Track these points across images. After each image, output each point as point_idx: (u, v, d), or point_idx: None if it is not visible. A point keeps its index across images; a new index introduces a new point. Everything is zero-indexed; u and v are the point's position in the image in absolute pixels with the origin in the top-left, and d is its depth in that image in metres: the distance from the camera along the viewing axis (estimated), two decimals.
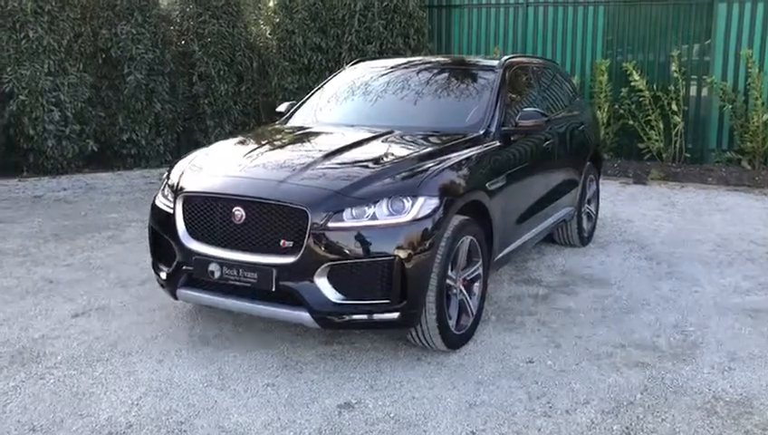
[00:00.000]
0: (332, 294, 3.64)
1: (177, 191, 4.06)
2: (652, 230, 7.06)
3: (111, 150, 10.70)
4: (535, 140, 5.10)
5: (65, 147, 9.93)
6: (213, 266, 3.82)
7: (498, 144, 4.61)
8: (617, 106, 10.70)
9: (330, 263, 3.61)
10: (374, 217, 3.63)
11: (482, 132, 4.61)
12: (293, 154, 4.31)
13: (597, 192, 6.76)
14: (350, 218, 3.63)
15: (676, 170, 10.17)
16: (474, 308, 4.21)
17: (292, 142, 4.69)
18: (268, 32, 11.89)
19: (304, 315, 3.65)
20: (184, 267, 3.98)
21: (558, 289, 5.23)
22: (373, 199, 3.67)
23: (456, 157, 4.16)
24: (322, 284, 3.63)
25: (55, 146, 9.81)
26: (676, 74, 10.24)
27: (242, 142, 4.72)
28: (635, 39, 10.87)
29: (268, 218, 3.71)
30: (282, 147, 4.54)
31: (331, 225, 3.61)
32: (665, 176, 9.92)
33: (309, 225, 3.60)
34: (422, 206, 3.71)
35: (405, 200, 3.69)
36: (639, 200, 8.57)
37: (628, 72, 10.43)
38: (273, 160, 4.15)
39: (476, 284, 4.26)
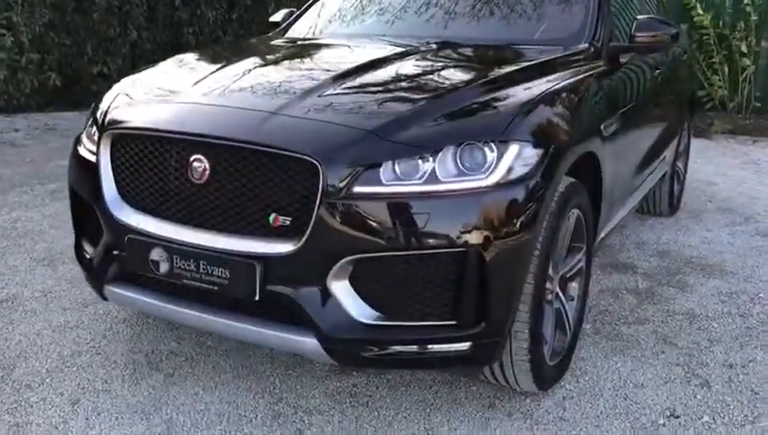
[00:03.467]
0: (360, 310, 2.10)
1: (102, 128, 2.49)
2: (747, 196, 5.53)
3: (79, 86, 9.03)
4: (646, 64, 3.51)
5: (21, 79, 8.28)
6: (157, 254, 2.27)
7: (604, 66, 3.02)
8: None
9: (355, 256, 2.07)
10: (433, 178, 2.08)
11: (585, 46, 3.01)
12: (293, 73, 2.69)
13: (688, 145, 5.18)
14: (393, 179, 2.07)
15: (743, 123, 8.57)
16: (572, 320, 2.69)
17: (291, 57, 3.06)
18: None
19: (310, 343, 2.13)
20: (115, 252, 2.44)
21: (663, 280, 3.71)
22: (432, 146, 2.11)
23: (557, 81, 2.58)
24: (343, 291, 2.10)
25: (9, 78, 8.17)
26: (749, 8, 8.55)
27: (214, 57, 3.11)
28: None
29: (249, 176, 2.15)
30: (274, 63, 2.92)
31: (358, 189, 2.06)
32: (731, 129, 8.36)
33: (320, 189, 2.04)
34: (516, 158, 2.15)
35: (486, 148, 2.13)
36: (712, 158, 7.02)
37: (690, 6, 8.74)
38: (259, 81, 2.54)
39: (575, 282, 2.74)
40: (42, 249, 3.89)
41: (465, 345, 2.16)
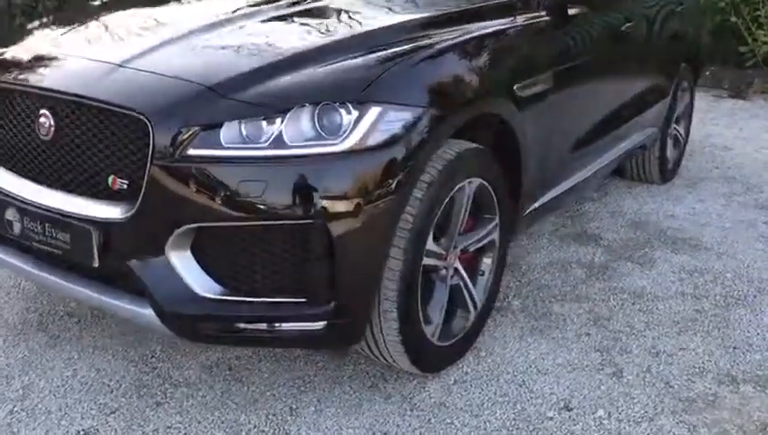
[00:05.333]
0: (201, 283, 1.95)
1: None
2: (761, 163, 5.08)
3: None
4: (609, 18, 3.17)
5: None
6: (11, 213, 2.16)
7: (546, 18, 2.73)
8: None
9: (194, 225, 1.91)
10: (280, 142, 1.88)
11: None
12: (173, 23, 2.44)
13: (690, 107, 4.77)
14: (234, 142, 1.88)
15: None
16: (479, 298, 2.48)
17: (188, 6, 2.83)
18: None
19: (147, 315, 1.99)
20: None
21: (625, 254, 3.42)
22: (281, 105, 1.90)
23: (462, 34, 2.32)
24: (182, 262, 1.94)
25: (25, 24, 8.23)
26: None
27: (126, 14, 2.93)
28: None
29: (88, 134, 1.99)
30: (162, 12, 2.68)
31: (194, 152, 1.88)
32: None
33: (151, 149, 1.88)
34: (376, 121, 1.93)
35: (342, 110, 1.91)
36: (739, 120, 6.50)
37: None
38: (124, 32, 2.35)
39: (487, 257, 2.51)
40: None
41: (318, 325, 1.98)
